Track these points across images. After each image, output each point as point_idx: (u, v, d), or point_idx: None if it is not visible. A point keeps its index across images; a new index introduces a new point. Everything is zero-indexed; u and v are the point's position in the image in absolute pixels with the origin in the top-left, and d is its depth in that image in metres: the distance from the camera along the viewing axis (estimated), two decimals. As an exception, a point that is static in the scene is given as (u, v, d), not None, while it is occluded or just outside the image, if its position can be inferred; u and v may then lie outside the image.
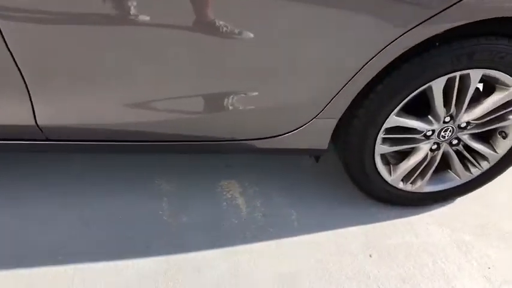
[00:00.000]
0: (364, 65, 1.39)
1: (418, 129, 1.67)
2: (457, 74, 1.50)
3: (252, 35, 1.30)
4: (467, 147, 1.79)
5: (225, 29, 1.28)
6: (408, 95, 1.53)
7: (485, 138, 1.82)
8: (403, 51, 1.37)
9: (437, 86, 1.52)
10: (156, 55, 1.35)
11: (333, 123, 1.58)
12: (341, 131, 1.66)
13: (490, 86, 1.63)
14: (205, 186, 2.00)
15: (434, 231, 1.86)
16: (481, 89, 1.72)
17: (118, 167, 2.09)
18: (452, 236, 1.85)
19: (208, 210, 1.88)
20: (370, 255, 1.73)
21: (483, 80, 1.58)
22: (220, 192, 1.97)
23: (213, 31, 1.29)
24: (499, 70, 1.50)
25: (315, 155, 1.71)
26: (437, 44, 1.44)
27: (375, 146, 1.67)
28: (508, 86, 1.58)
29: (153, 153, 2.04)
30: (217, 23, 1.28)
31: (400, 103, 1.55)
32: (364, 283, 1.62)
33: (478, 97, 1.64)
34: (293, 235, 1.79)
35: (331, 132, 1.61)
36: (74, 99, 1.45)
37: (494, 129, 1.78)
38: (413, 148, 1.76)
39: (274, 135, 1.62)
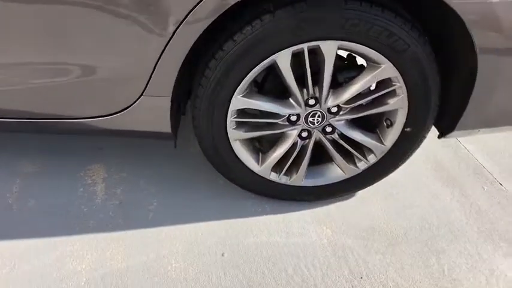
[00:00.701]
0: (172, 34, 1.15)
1: (279, 113, 1.42)
2: (304, 46, 1.24)
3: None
4: (349, 137, 1.52)
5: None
6: (248, 72, 1.29)
7: (372, 127, 1.55)
8: (215, 14, 1.12)
9: (282, 61, 1.27)
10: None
11: (166, 102, 1.35)
12: (190, 114, 1.43)
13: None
14: (70, 169, 1.81)
15: (311, 232, 1.62)
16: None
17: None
18: (331, 239, 1.60)
19: (61, 195, 1.69)
20: (223, 254, 1.51)
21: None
22: (82, 176, 1.77)
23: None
24: (355, 42, 1.23)
25: (162, 138, 1.49)
26: (272, 9, 1.18)
27: (227, 131, 1.44)
28: (376, 63, 1.30)
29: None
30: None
31: (242, 81, 1.31)
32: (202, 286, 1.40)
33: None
34: (142, 227, 1.58)
35: (169, 112, 1.38)
36: None
37: (380, 117, 1.52)
38: (280, 135, 1.52)
39: (105, 114, 1.40)
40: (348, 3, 1.17)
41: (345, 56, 1.55)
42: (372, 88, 1.43)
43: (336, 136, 1.51)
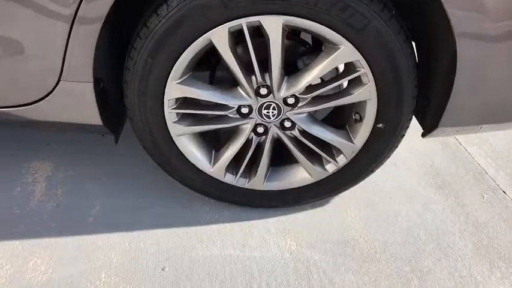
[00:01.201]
0: (75, 13, 0.97)
1: (226, 103, 1.21)
2: (242, 22, 1.03)
3: None
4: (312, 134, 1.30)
5: None
6: (181, 53, 1.08)
7: (341, 122, 1.32)
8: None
9: (218, 40, 1.06)
10: None
11: (88, 88, 1.15)
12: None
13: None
14: (12, 165, 1.63)
15: (272, 244, 1.40)
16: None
17: None
18: (295, 253, 1.37)
19: (-5, 194, 1.52)
20: (163, 269, 1.30)
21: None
22: (24, 174, 1.60)
23: None
24: (302, 17, 1.01)
25: (97, 132, 1.30)
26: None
27: (166, 124, 1.23)
28: (334, 44, 1.08)
29: None
30: None
31: (174, 64, 1.10)
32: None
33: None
34: (78, 234, 1.39)
35: (95, 101, 1.18)
36: None
37: (349, 110, 1.29)
38: (234, 131, 1.31)
39: (24, 103, 1.22)
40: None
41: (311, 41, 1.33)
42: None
43: (296, 133, 1.29)
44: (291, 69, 1.22)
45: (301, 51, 1.28)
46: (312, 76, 1.14)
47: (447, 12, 0.97)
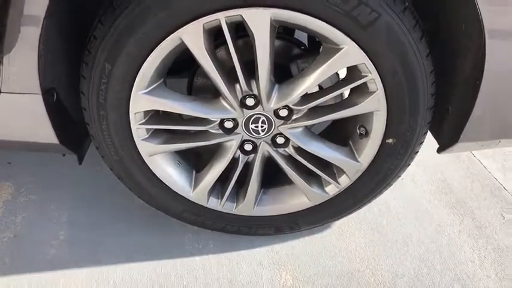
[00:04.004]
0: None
1: (206, 116, 1.01)
2: (220, 16, 0.83)
3: None
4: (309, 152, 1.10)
5: None
6: (146, 57, 0.88)
7: (343, 138, 1.12)
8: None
9: (192, 40, 0.86)
10: None
11: (35, 101, 0.94)
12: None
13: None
14: (-30, 188, 1.43)
15: (263, 279, 1.20)
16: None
17: None
18: (291, 288, 1.17)
19: None
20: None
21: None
22: (-21, 199, 1.39)
23: None
24: (294, 9, 0.81)
25: (56, 152, 1.10)
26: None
27: (134, 142, 1.03)
28: (334, 44, 0.88)
29: None
30: None
31: (139, 71, 0.90)
32: None
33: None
34: (36, 270, 1.18)
35: (46, 116, 0.98)
36: None
37: (353, 124, 1.09)
38: (216, 149, 1.11)
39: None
40: None
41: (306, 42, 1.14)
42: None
43: (291, 150, 1.09)
44: (283, 75, 1.03)
45: (294, 53, 1.09)
46: (308, 84, 0.94)
47: (477, 4, 0.78)
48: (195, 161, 1.18)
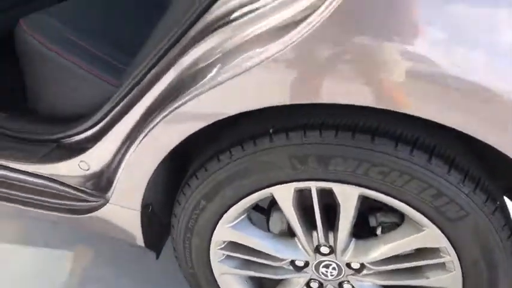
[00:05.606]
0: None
1: (280, 256, 1.06)
2: (311, 185, 0.89)
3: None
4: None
5: None
6: (238, 201, 0.96)
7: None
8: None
9: (281, 197, 0.93)
10: None
11: (134, 215, 1.05)
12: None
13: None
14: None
15: None
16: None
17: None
18: None
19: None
20: None
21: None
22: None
23: None
24: (383, 193, 0.85)
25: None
26: (271, 131, 0.86)
27: (210, 262, 1.10)
28: (418, 223, 0.90)
29: None
30: None
31: (229, 209, 0.98)
32: None
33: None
34: None
35: (140, 225, 1.08)
36: None
37: None
38: (283, 281, 1.15)
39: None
40: (380, 141, 0.80)
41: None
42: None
43: (356, 297, 1.10)
44: (360, 226, 1.05)
45: (374, 206, 1.11)
46: (385, 251, 0.96)
47: None
48: (258, 284, 1.23)
